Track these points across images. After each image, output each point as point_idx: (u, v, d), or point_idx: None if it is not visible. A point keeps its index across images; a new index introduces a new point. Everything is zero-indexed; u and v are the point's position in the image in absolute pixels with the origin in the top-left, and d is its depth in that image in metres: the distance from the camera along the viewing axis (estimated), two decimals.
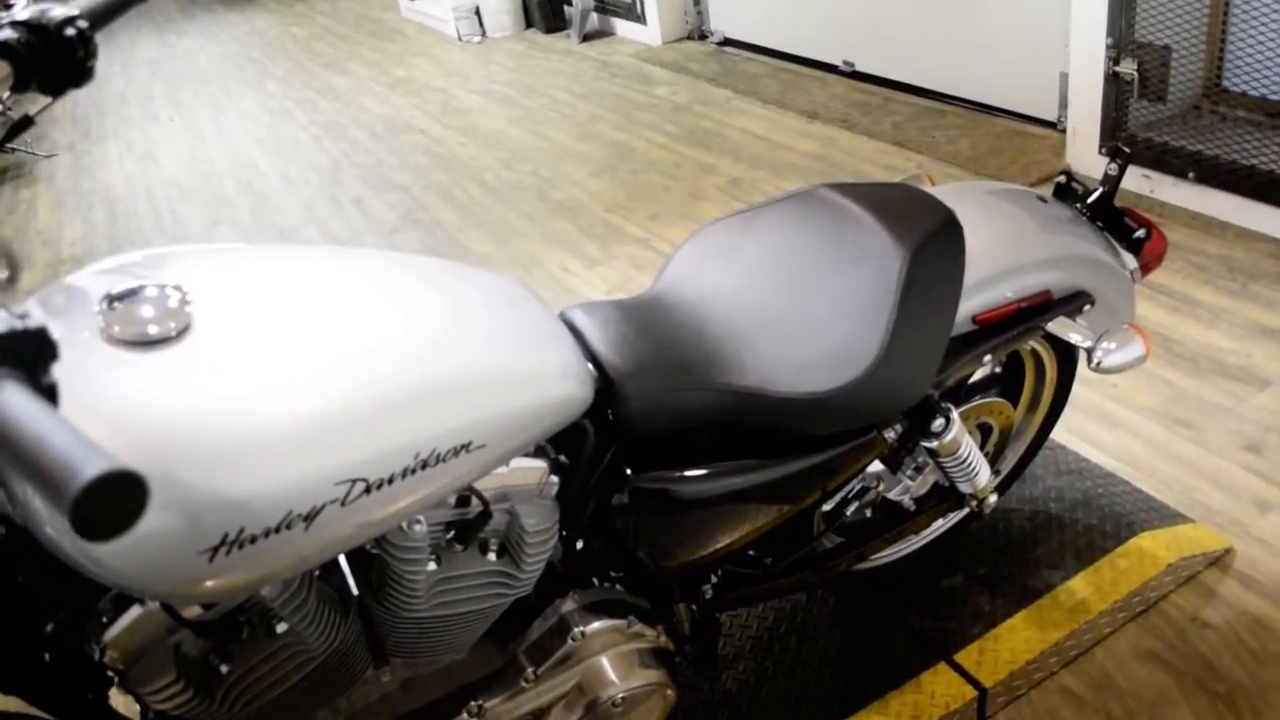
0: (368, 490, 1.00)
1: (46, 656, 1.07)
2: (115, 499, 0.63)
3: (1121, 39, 3.42)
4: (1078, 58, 3.65)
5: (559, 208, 4.29)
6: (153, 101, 7.20)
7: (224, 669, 1.11)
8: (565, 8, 7.22)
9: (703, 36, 6.44)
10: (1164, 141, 3.44)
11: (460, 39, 7.53)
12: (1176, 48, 3.38)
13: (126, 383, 0.94)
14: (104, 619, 1.05)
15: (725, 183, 4.27)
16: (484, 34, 7.51)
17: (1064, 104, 3.92)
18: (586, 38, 6.96)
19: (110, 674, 1.10)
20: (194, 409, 0.93)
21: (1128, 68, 3.44)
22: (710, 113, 5.14)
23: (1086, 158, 3.71)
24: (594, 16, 7.03)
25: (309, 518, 0.96)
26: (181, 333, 0.98)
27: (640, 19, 6.63)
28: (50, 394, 0.75)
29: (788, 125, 4.80)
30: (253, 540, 0.94)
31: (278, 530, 0.95)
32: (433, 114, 5.88)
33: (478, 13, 7.47)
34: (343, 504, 0.98)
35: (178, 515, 0.90)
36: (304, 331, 1.04)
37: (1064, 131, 3.93)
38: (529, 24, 7.52)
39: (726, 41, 6.25)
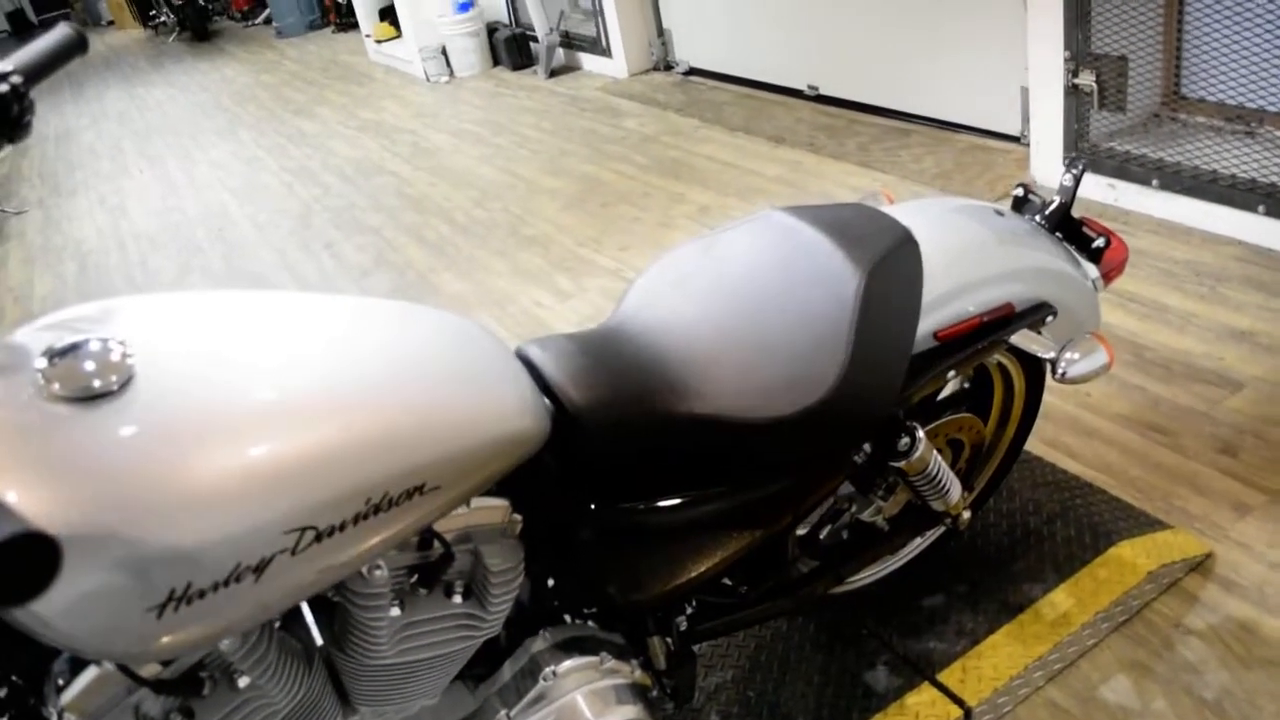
0: (318, 538, 0.98)
1: None
2: (23, 562, 0.61)
3: (1079, 51, 3.45)
4: (1037, 72, 3.68)
5: (530, 243, 4.29)
6: (123, 154, 7.20)
7: None
8: (531, 44, 7.26)
9: (668, 67, 6.48)
10: (1126, 150, 3.47)
11: (428, 79, 7.56)
12: (1133, 57, 3.41)
13: (67, 439, 0.92)
14: (60, 682, 1.03)
15: (695, 211, 4.28)
16: (451, 74, 7.54)
17: (1026, 118, 3.96)
18: (554, 73, 7.00)
19: None
20: (135, 463, 0.92)
21: (1086, 79, 3.47)
22: (678, 142, 5.16)
23: (1051, 170, 3.73)
24: (560, 52, 7.07)
25: (259, 569, 0.94)
26: (124, 386, 0.96)
27: (606, 52, 6.67)
28: None
29: (755, 151, 4.82)
30: (201, 595, 0.92)
31: (227, 583, 0.93)
32: (402, 155, 5.89)
33: (444, 53, 7.50)
34: (293, 553, 0.96)
35: (122, 572, 0.88)
36: (247, 379, 1.02)
37: (1028, 145, 3.96)
38: (496, 62, 7.55)
39: (692, 71, 6.29)
